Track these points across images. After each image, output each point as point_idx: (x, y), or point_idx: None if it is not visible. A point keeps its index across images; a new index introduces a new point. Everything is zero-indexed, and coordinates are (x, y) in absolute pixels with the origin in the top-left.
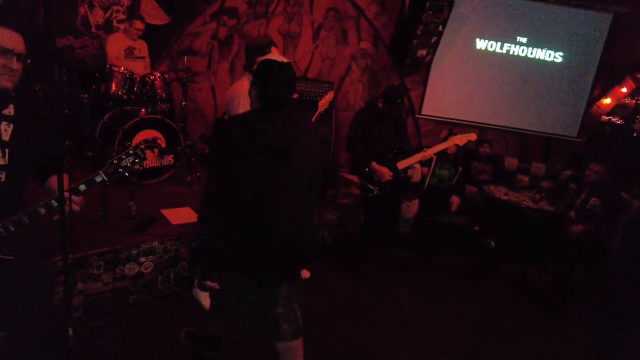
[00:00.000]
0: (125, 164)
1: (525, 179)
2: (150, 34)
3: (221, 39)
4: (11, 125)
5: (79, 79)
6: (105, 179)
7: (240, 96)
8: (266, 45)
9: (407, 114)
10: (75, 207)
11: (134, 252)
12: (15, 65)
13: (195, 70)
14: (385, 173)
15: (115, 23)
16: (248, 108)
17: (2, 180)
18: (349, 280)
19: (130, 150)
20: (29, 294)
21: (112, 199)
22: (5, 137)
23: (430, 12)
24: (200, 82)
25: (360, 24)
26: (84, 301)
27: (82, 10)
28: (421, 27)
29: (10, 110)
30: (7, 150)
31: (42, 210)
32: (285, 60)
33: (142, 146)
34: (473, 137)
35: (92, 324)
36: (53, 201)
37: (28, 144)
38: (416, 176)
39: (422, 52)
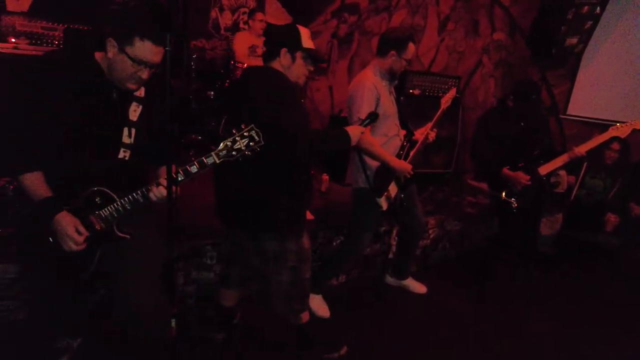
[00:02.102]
0: (239, 146)
1: None
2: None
3: (341, 37)
4: (140, 106)
5: (208, 78)
6: (217, 161)
7: (365, 89)
8: (405, 39)
9: (547, 114)
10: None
11: None
12: (145, 75)
13: (315, 69)
14: (521, 179)
15: (241, 25)
16: (373, 102)
17: (127, 158)
18: (471, 301)
19: (245, 132)
20: (140, 276)
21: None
22: (134, 117)
23: None
24: (319, 81)
25: (494, 13)
26: (197, 290)
27: (213, 14)
28: (573, 10)
29: (141, 91)
30: (133, 130)
31: (155, 188)
32: None
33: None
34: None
35: (203, 312)
36: (161, 180)
37: (154, 126)
38: (562, 185)
39: (572, 41)
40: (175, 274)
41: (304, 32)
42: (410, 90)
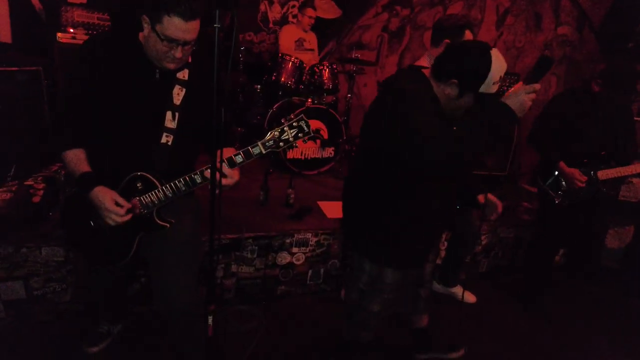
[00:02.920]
0: (287, 137)
1: None
2: (321, 28)
3: (392, 31)
4: (184, 90)
5: (255, 71)
6: (263, 151)
7: None
8: (461, 27)
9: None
10: (227, 181)
11: (288, 241)
12: (179, 54)
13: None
14: (576, 179)
15: (290, 18)
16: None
17: (169, 143)
18: (525, 315)
19: (294, 122)
20: (177, 269)
21: (273, 186)
22: (177, 101)
23: None
24: (367, 76)
25: (561, 5)
26: (236, 284)
27: (262, 7)
28: None
29: (184, 74)
30: (177, 114)
31: (198, 179)
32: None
33: (308, 120)
34: None
35: (240, 307)
36: (207, 170)
37: (199, 110)
38: (635, 194)
39: None
40: (215, 269)
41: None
42: None
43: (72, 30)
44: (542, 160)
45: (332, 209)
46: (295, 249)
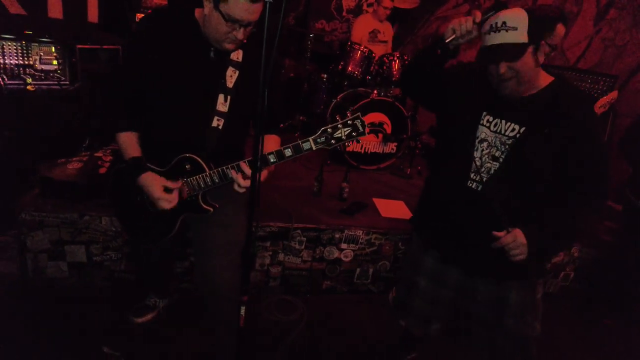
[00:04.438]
0: (340, 135)
1: None
2: (397, 18)
3: None
4: (237, 72)
5: (323, 60)
6: (314, 147)
7: None
8: (553, 19)
9: None
10: (264, 174)
11: (337, 236)
12: (240, 35)
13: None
14: None
15: (365, 7)
16: None
17: (220, 127)
18: (593, 340)
19: (349, 120)
20: (218, 253)
21: (328, 178)
22: (229, 84)
23: None
24: None
25: None
26: (282, 273)
27: None
28: None
29: (239, 55)
30: (229, 97)
31: (246, 165)
32: None
33: (364, 119)
34: None
35: (284, 297)
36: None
37: (252, 94)
38: None
39: None
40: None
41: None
42: None
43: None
44: (634, 173)
45: (388, 208)
46: (344, 245)
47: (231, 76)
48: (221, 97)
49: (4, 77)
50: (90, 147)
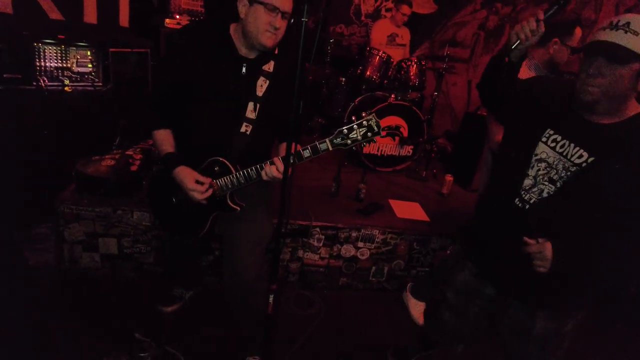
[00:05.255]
0: (356, 136)
1: None
2: (414, 23)
3: (490, 29)
4: (267, 81)
5: (341, 64)
6: (330, 148)
7: None
8: (571, 23)
9: None
10: (278, 174)
11: (354, 234)
12: (279, 23)
13: (456, 60)
14: None
15: (383, 12)
16: None
17: (248, 133)
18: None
19: (364, 120)
20: (245, 248)
21: (346, 179)
22: (260, 92)
23: None
24: (457, 75)
25: None
26: (300, 268)
27: (356, 0)
28: None
29: (270, 66)
30: (258, 105)
31: (253, 174)
32: None
33: (379, 120)
34: None
35: (302, 292)
36: (275, 159)
37: (280, 102)
38: None
39: None
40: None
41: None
42: None
43: (177, 17)
44: None
45: (403, 209)
46: (360, 244)
47: (262, 85)
48: (251, 104)
49: (45, 79)
50: (120, 145)
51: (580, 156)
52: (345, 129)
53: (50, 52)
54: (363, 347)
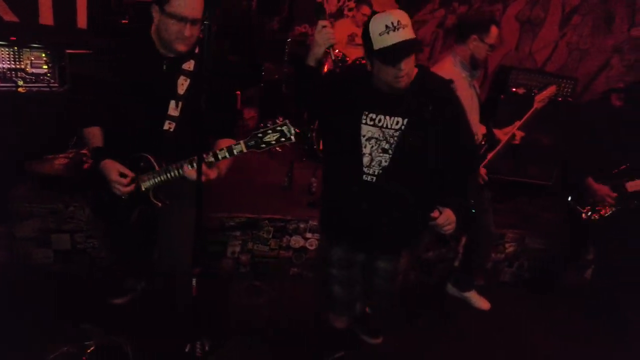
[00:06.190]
0: (269, 139)
1: None
2: None
3: (448, 28)
4: (188, 80)
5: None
6: (244, 150)
7: None
8: (486, 22)
9: None
10: (210, 175)
11: (302, 226)
12: (188, 32)
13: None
14: (605, 194)
15: (345, 11)
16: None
17: (171, 130)
18: (539, 328)
19: (278, 127)
20: (172, 241)
21: (303, 174)
22: (181, 91)
23: None
24: None
25: (637, 4)
26: (251, 260)
27: (319, 0)
28: None
29: (190, 65)
30: (180, 103)
31: (187, 166)
32: None
33: (291, 126)
34: None
35: (254, 283)
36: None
37: (202, 101)
38: None
39: None
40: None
41: (377, 27)
42: (514, 89)
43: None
44: (567, 174)
45: None
46: (309, 235)
47: (182, 84)
48: (172, 102)
49: None
50: (77, 144)
51: (397, 122)
52: (260, 133)
53: (2, 54)
54: (311, 333)
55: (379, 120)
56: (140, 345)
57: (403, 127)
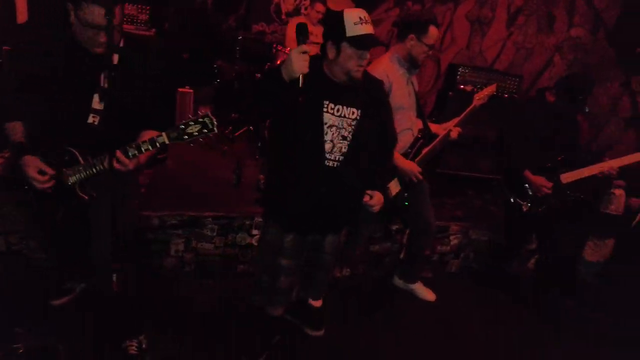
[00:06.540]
0: (191, 131)
1: None
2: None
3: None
4: (112, 73)
5: (252, 60)
6: (167, 141)
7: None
8: (425, 22)
9: (627, 126)
10: (130, 165)
11: (247, 223)
12: (104, 38)
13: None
14: (541, 184)
15: (302, 10)
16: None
17: (96, 123)
18: (483, 318)
19: (199, 118)
20: (100, 230)
21: (253, 171)
22: (105, 84)
23: None
24: (373, 71)
25: (576, 6)
26: (196, 259)
27: None
28: None
29: (115, 59)
30: (104, 97)
31: (110, 159)
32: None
33: (213, 117)
34: None
35: (202, 281)
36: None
37: (127, 94)
38: (617, 207)
39: None
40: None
41: (351, 17)
42: (462, 86)
43: None
44: (507, 167)
45: None
46: (255, 231)
47: (106, 77)
48: (96, 96)
49: None
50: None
51: (353, 113)
52: (182, 125)
53: None
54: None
55: (338, 110)
56: (75, 346)
57: (358, 117)
